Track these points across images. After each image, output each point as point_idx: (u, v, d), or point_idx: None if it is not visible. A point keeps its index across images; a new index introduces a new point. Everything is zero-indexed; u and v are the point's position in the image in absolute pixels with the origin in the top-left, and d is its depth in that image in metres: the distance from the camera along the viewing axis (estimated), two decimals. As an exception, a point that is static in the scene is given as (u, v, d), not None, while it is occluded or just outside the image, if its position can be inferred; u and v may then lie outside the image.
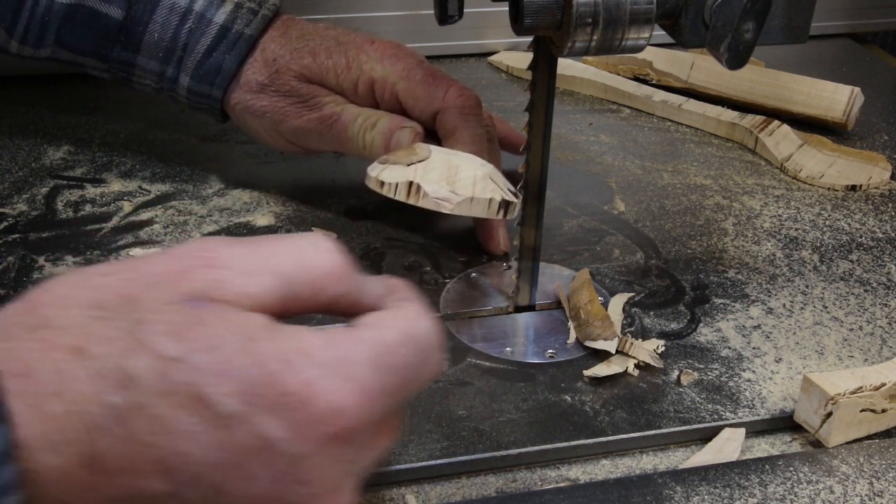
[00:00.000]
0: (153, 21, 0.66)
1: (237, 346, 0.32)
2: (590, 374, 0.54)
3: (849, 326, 0.59)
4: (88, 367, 0.31)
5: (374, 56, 0.64)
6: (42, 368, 0.31)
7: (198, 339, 0.32)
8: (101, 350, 0.31)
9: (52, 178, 0.72)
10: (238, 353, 0.32)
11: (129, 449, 0.31)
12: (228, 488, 0.32)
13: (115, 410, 0.31)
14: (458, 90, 0.63)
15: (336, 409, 0.33)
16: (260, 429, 0.32)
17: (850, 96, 0.82)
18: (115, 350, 0.31)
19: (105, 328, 0.32)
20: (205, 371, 0.32)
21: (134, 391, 0.31)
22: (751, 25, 0.49)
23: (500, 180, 0.54)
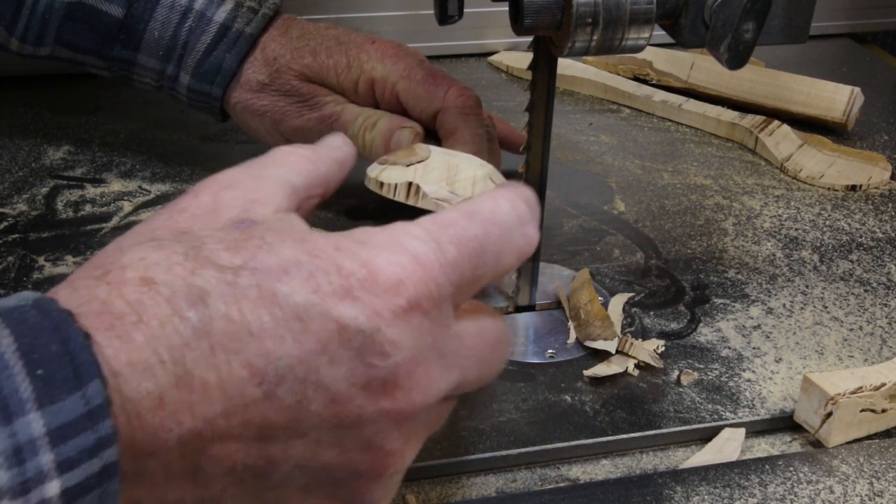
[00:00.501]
0: (153, 19, 0.66)
1: (291, 246, 0.34)
2: (590, 374, 0.54)
3: (849, 326, 0.59)
4: (160, 291, 0.32)
5: (374, 55, 0.64)
6: (118, 304, 0.31)
7: (254, 248, 0.34)
8: (167, 276, 0.32)
9: (52, 178, 0.72)
10: (294, 252, 0.34)
11: (215, 360, 0.32)
12: (316, 377, 0.33)
13: (194, 325, 0.31)
14: (459, 90, 0.63)
15: (397, 280, 0.34)
16: (333, 315, 0.33)
17: (850, 96, 0.82)
18: (181, 272, 0.32)
19: (165, 256, 0.33)
20: (268, 271, 0.33)
21: (208, 304, 0.32)
22: (751, 25, 0.49)
23: (500, 180, 0.54)
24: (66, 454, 0.29)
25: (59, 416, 0.29)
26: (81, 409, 0.29)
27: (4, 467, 0.27)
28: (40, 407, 0.28)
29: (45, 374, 0.29)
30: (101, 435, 0.29)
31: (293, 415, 0.33)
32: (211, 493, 0.33)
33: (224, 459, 0.33)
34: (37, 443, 0.28)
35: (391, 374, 0.34)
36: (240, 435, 0.32)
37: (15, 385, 0.28)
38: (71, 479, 0.29)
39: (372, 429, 0.35)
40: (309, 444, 0.34)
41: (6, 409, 0.28)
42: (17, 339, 0.29)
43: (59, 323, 0.30)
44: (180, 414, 0.31)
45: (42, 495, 0.28)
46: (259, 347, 0.32)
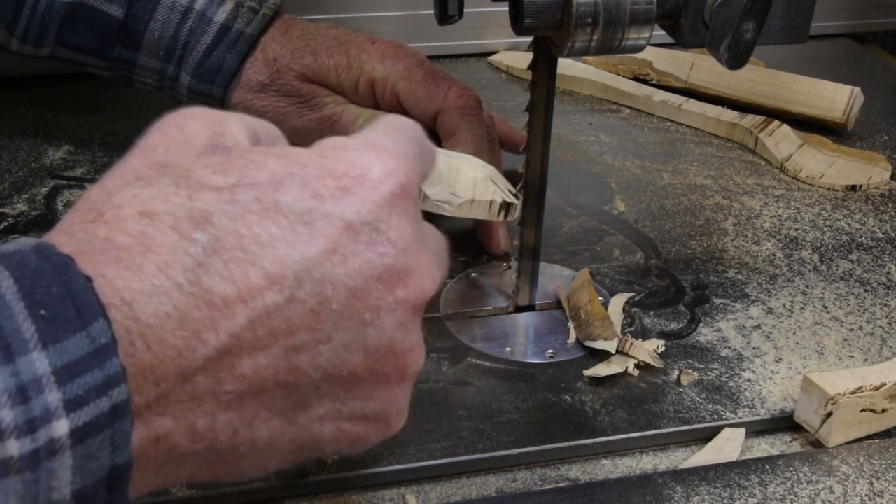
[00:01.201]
0: (154, 19, 0.66)
1: (277, 161, 0.35)
2: (590, 374, 0.54)
3: (849, 326, 0.59)
4: (163, 220, 0.32)
5: (375, 56, 0.64)
6: (121, 238, 0.31)
7: (242, 167, 0.34)
8: (166, 206, 0.32)
9: (52, 178, 0.72)
10: (282, 165, 0.35)
11: (231, 273, 0.32)
12: (333, 275, 0.34)
13: (204, 246, 0.32)
14: (459, 90, 0.63)
15: (388, 171, 0.36)
16: (336, 214, 0.34)
17: (850, 96, 0.82)
18: (178, 200, 0.33)
19: (157, 190, 0.33)
20: (265, 184, 0.34)
21: (214, 223, 0.32)
22: (751, 25, 0.49)
23: (501, 182, 0.54)
24: (74, 392, 0.28)
25: (65, 355, 0.28)
26: (87, 348, 0.29)
27: (8, 406, 0.27)
28: (45, 346, 0.28)
29: (47, 315, 0.28)
30: (109, 374, 0.29)
31: (316, 317, 0.33)
32: (242, 416, 0.33)
33: (253, 376, 0.33)
34: (42, 381, 0.28)
35: (401, 260, 0.35)
36: (267, 346, 0.33)
37: (16, 325, 0.28)
38: (79, 417, 0.28)
39: (392, 321, 0.35)
40: (335, 348, 0.34)
41: (7, 349, 0.28)
42: (17, 281, 0.29)
43: (59, 266, 0.30)
44: (204, 332, 0.31)
45: (50, 434, 0.28)
46: (273, 255, 0.33)
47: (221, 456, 0.34)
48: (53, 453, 0.28)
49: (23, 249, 0.30)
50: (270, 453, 0.35)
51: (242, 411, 0.33)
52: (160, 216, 0.32)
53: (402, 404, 0.38)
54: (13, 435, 0.27)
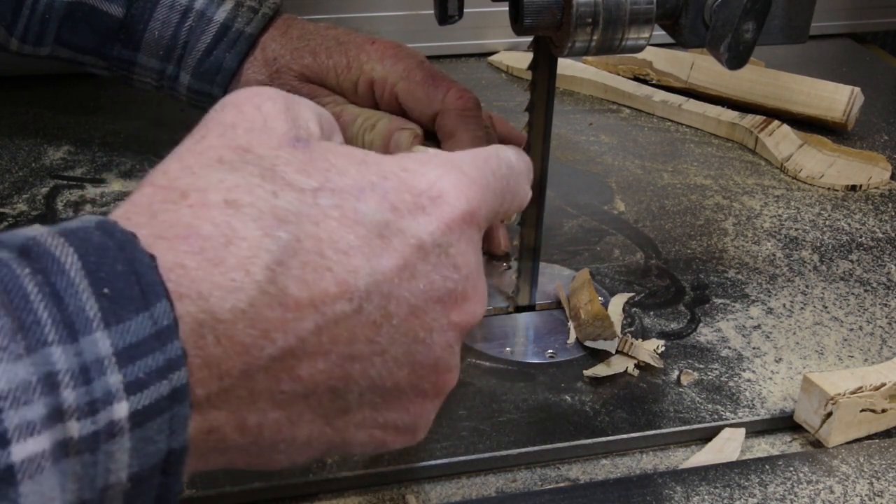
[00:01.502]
0: (153, 19, 0.66)
1: (359, 168, 0.35)
2: (590, 374, 0.54)
3: (849, 326, 0.59)
4: (247, 213, 0.32)
5: (374, 56, 0.64)
6: (205, 227, 0.31)
7: (324, 170, 0.34)
8: (250, 198, 0.32)
9: (52, 178, 0.72)
10: (364, 174, 0.35)
11: (307, 277, 0.32)
12: (399, 292, 0.34)
13: (285, 244, 0.32)
14: (458, 92, 0.62)
15: (465, 197, 0.36)
16: (411, 229, 0.35)
17: (850, 96, 0.82)
18: (263, 194, 0.32)
19: (242, 178, 0.33)
20: (347, 192, 0.34)
21: (295, 224, 0.32)
22: (751, 25, 0.49)
23: None
24: (135, 375, 0.28)
25: (127, 335, 0.28)
26: (149, 329, 0.28)
27: (71, 386, 0.27)
28: (107, 326, 0.28)
29: (111, 294, 0.28)
30: (170, 357, 0.29)
31: (377, 329, 0.34)
32: (289, 416, 0.34)
33: (309, 379, 0.33)
34: (104, 362, 0.27)
35: (462, 287, 0.36)
36: (328, 352, 0.33)
37: (81, 303, 0.28)
38: (140, 400, 0.28)
39: (442, 342, 0.36)
40: (387, 361, 0.35)
41: (72, 327, 0.27)
42: (81, 258, 0.28)
43: (123, 244, 0.29)
44: (273, 332, 0.31)
45: (110, 416, 0.27)
46: (348, 264, 0.33)
47: (261, 450, 0.34)
48: (113, 436, 0.28)
49: (86, 226, 0.30)
50: (304, 450, 0.36)
51: (291, 410, 0.33)
52: (245, 208, 0.32)
53: (430, 418, 0.39)
54: (74, 416, 0.27)
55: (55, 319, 0.27)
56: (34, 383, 0.26)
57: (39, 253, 0.28)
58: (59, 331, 0.27)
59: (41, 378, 0.26)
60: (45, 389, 0.26)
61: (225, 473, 0.46)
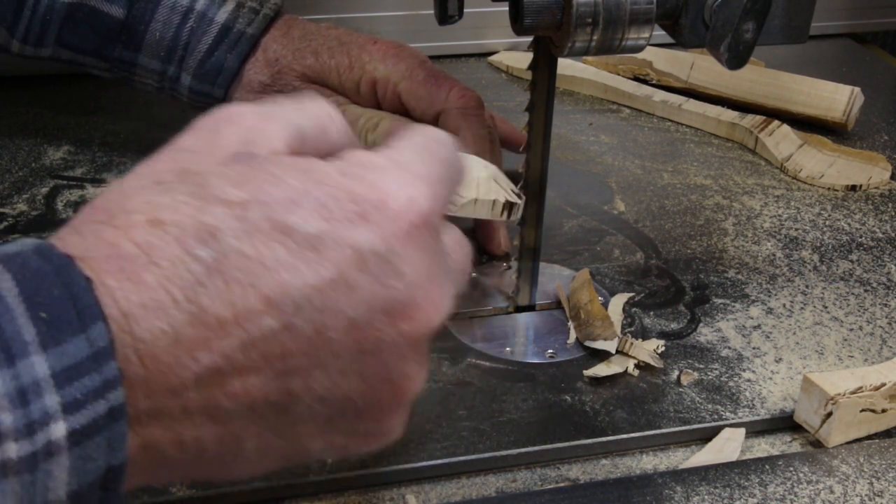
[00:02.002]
0: (155, 20, 0.66)
1: (296, 177, 0.34)
2: (590, 374, 0.54)
3: (849, 326, 0.59)
4: (169, 231, 0.31)
5: (376, 56, 0.64)
6: (126, 246, 0.31)
7: (259, 182, 0.33)
8: (175, 216, 0.32)
9: (52, 178, 0.72)
10: (301, 182, 0.33)
11: (230, 296, 0.31)
12: (334, 305, 0.33)
13: (206, 263, 0.31)
14: (461, 91, 0.62)
15: (409, 199, 0.34)
16: (347, 240, 0.33)
17: (850, 96, 0.82)
18: (189, 211, 0.32)
19: (172, 198, 0.32)
20: (277, 204, 0.33)
21: (219, 241, 0.32)
22: (751, 25, 0.49)
23: (504, 181, 0.54)
24: (72, 396, 0.28)
25: (64, 358, 0.28)
26: (86, 351, 0.29)
27: (9, 409, 0.27)
28: (44, 349, 0.28)
29: (48, 318, 0.28)
30: (107, 377, 0.29)
31: (312, 344, 0.33)
32: (230, 430, 0.33)
33: (244, 395, 0.32)
34: (41, 384, 0.28)
35: (409, 295, 0.34)
36: (259, 369, 0.32)
37: (17, 327, 0.28)
38: (77, 420, 0.28)
39: (392, 353, 0.35)
40: (330, 374, 0.34)
41: (8, 352, 0.28)
42: (18, 283, 0.29)
43: (60, 268, 0.30)
44: (197, 351, 0.31)
45: (48, 436, 0.28)
46: (274, 279, 0.32)
47: (209, 463, 0.34)
48: (51, 455, 0.28)
49: (24, 251, 0.30)
50: (258, 461, 0.35)
51: (231, 426, 0.33)
52: (167, 227, 0.31)
53: (394, 424, 0.37)
54: (12, 437, 0.27)
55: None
56: None
57: None
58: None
59: None
60: None
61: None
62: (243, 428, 0.33)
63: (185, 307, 0.31)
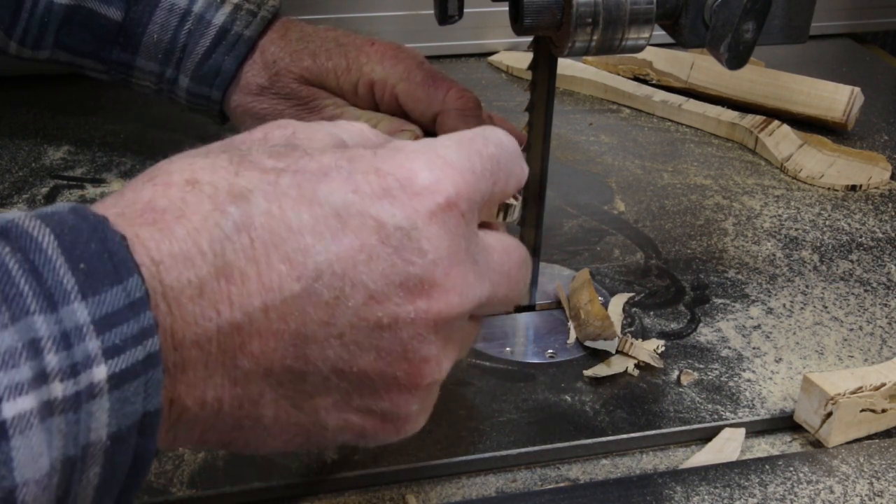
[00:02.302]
0: (152, 22, 0.66)
1: (331, 154, 0.36)
2: (590, 374, 0.54)
3: (849, 326, 0.59)
4: (205, 190, 0.33)
5: (374, 57, 0.64)
6: (161, 202, 0.33)
7: (297, 156, 0.35)
8: (212, 176, 0.34)
9: (52, 178, 0.72)
10: (334, 158, 0.35)
11: (255, 253, 0.33)
12: (354, 274, 0.34)
13: (236, 220, 0.33)
14: (458, 92, 0.62)
15: (434, 181, 0.35)
16: (371, 213, 0.34)
17: (850, 96, 0.82)
18: (223, 174, 0.34)
19: (212, 162, 0.34)
20: (309, 173, 0.35)
21: (250, 201, 0.33)
22: (751, 25, 0.49)
23: None
24: (112, 341, 0.30)
25: (103, 306, 0.30)
26: (123, 300, 0.30)
27: (53, 351, 0.29)
28: (84, 297, 0.30)
29: (86, 269, 0.30)
30: (144, 325, 0.30)
31: (330, 311, 0.34)
32: (249, 393, 0.34)
33: (262, 357, 0.34)
34: (83, 329, 0.29)
35: (429, 272, 0.35)
36: (278, 331, 0.33)
37: (58, 277, 0.29)
38: (117, 364, 0.30)
39: (409, 331, 0.35)
40: (346, 345, 0.35)
41: (51, 298, 0.29)
42: (57, 237, 0.30)
43: (96, 225, 0.31)
44: (220, 304, 0.32)
45: (91, 378, 0.29)
46: (298, 242, 0.33)
47: (227, 427, 0.35)
48: (93, 396, 0.29)
49: (61, 210, 0.31)
50: (275, 432, 0.36)
51: (249, 388, 0.34)
52: (203, 185, 0.33)
53: (412, 410, 0.38)
54: (58, 378, 0.29)
55: (35, 292, 0.29)
56: (20, 349, 0.28)
57: (18, 234, 0.30)
58: (40, 301, 0.29)
59: (26, 344, 0.28)
60: (30, 354, 0.28)
61: (225, 473, 0.46)
62: (261, 393, 0.35)
63: (212, 260, 0.32)
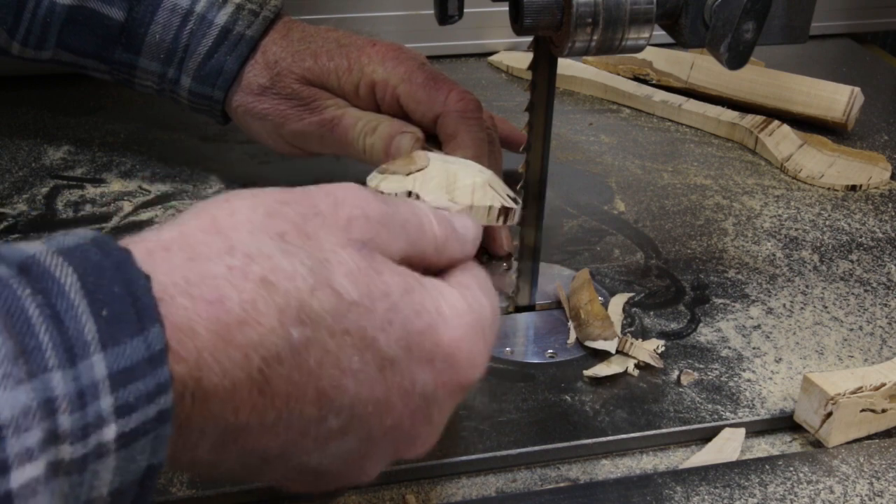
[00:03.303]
0: (154, 22, 0.66)
1: (400, 294, 0.36)
2: (590, 374, 0.54)
3: (849, 326, 0.59)
4: (275, 300, 0.32)
5: (375, 58, 0.64)
6: (232, 297, 0.31)
7: (371, 286, 0.35)
8: (287, 285, 0.33)
9: (52, 178, 0.72)
10: (402, 302, 0.36)
11: (297, 378, 0.33)
12: (368, 418, 0.36)
13: (293, 343, 0.33)
14: (459, 94, 0.62)
15: (474, 366, 0.38)
16: (412, 374, 0.36)
17: (850, 96, 0.82)
18: (301, 286, 0.33)
19: (290, 262, 0.33)
20: (377, 316, 0.35)
21: (312, 327, 0.33)
22: (751, 25, 0.49)
23: (500, 186, 0.54)
24: (125, 399, 0.29)
25: (121, 359, 0.29)
26: (143, 353, 0.29)
27: (68, 412, 0.27)
28: (104, 349, 0.28)
29: (108, 315, 0.29)
30: (160, 381, 0.29)
31: (329, 439, 0.36)
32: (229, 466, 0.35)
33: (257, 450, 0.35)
34: (98, 386, 0.28)
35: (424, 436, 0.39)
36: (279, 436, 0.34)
37: (80, 326, 0.28)
38: (127, 423, 0.29)
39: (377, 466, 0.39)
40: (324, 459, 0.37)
41: (71, 351, 0.28)
42: (81, 278, 0.29)
43: (119, 263, 0.30)
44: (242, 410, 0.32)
45: (100, 439, 0.28)
46: (339, 381, 0.34)
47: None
48: (100, 457, 0.28)
49: (83, 243, 0.30)
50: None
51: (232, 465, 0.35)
52: (276, 295, 0.32)
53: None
54: (68, 440, 0.27)
55: (55, 343, 0.27)
56: (34, 409, 0.27)
57: (39, 273, 0.28)
58: (59, 355, 0.27)
59: (41, 403, 0.27)
60: (43, 415, 0.27)
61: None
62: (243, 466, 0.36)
63: (254, 375, 0.32)
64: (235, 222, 0.34)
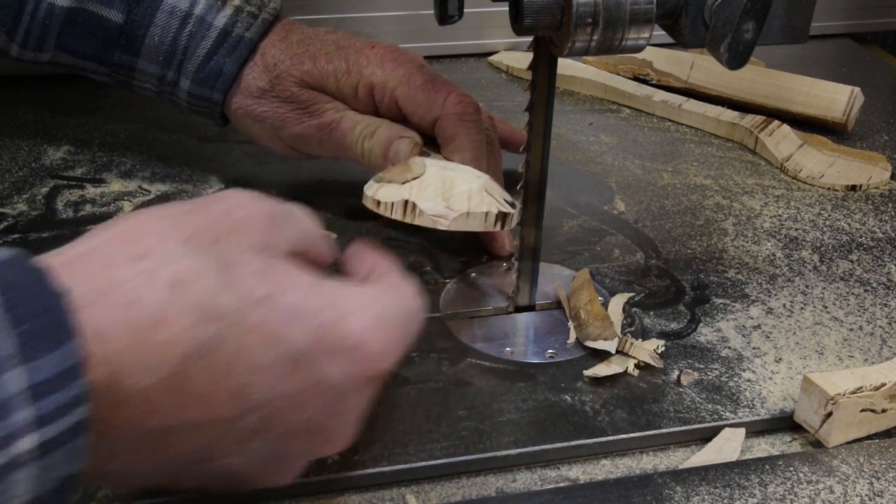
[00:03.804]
0: (154, 24, 0.66)
1: (306, 290, 0.38)
2: (590, 374, 0.54)
3: (849, 326, 0.59)
4: (186, 301, 0.33)
5: (374, 60, 0.63)
6: (145, 300, 0.33)
7: (276, 283, 0.37)
8: (197, 285, 0.34)
9: (52, 178, 0.72)
10: (307, 297, 0.37)
11: (211, 377, 0.34)
12: (282, 415, 0.37)
13: (205, 342, 0.34)
14: (458, 97, 0.62)
15: (382, 356, 0.39)
16: (322, 367, 0.37)
17: (850, 96, 0.82)
18: (209, 286, 0.34)
19: (199, 264, 0.35)
20: (284, 312, 0.36)
21: (222, 325, 0.34)
22: (751, 25, 0.49)
23: (497, 191, 0.54)
24: (44, 410, 0.30)
25: (40, 372, 0.30)
26: (59, 366, 0.30)
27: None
28: (22, 363, 0.29)
29: (27, 330, 0.30)
30: (77, 393, 0.30)
31: (249, 439, 0.37)
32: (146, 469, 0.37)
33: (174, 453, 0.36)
34: (18, 399, 0.29)
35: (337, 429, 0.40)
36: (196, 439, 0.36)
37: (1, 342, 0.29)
38: (46, 433, 0.30)
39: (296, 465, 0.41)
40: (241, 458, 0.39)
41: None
42: (1, 294, 0.30)
43: (38, 279, 0.31)
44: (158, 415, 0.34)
45: (18, 449, 0.29)
46: (251, 378, 0.35)
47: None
48: (18, 467, 0.29)
49: (3, 261, 0.31)
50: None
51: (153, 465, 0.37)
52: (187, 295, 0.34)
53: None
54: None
55: None
56: None
57: None
58: None
59: None
60: None
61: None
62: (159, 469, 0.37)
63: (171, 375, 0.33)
64: (145, 230, 0.35)
